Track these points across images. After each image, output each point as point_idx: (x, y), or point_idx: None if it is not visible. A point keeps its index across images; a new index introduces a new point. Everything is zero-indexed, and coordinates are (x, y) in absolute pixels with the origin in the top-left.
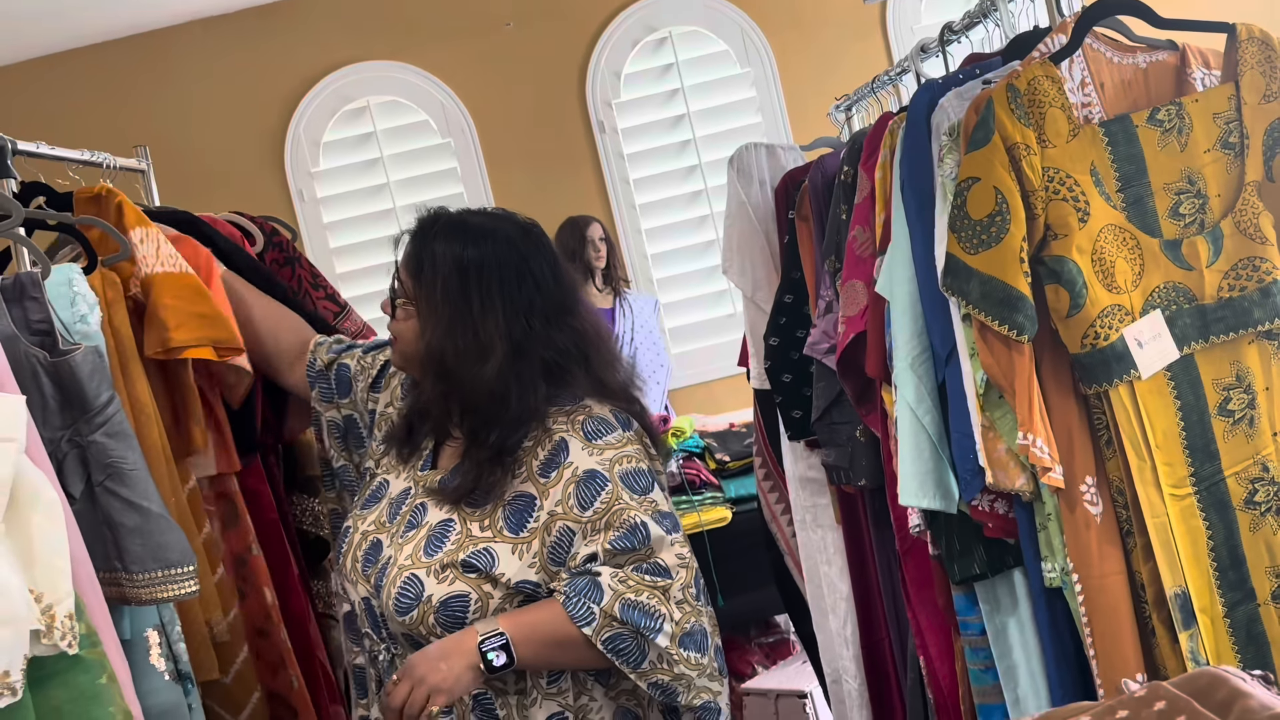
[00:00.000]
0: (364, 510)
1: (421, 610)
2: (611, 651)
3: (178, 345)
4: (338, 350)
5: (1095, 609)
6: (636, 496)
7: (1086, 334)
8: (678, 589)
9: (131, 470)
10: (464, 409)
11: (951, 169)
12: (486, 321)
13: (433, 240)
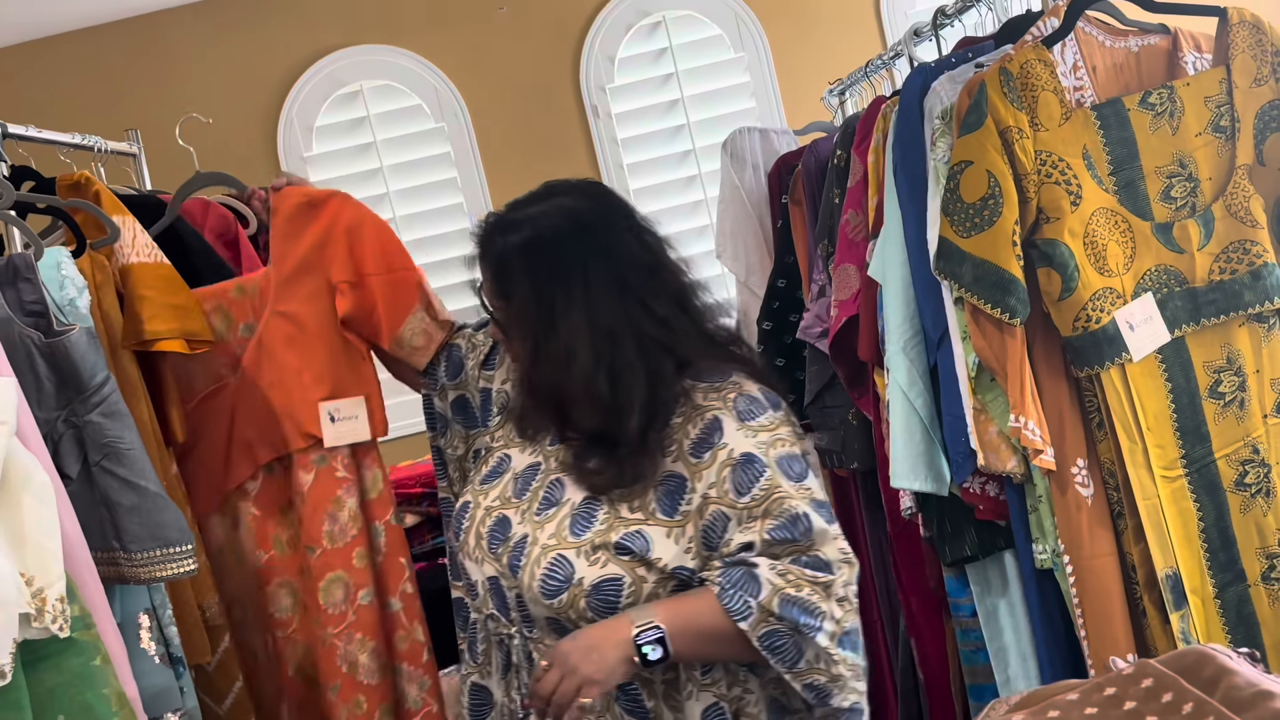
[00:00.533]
0: (485, 486)
1: (572, 594)
2: (767, 649)
3: (151, 337)
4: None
5: (1086, 590)
6: (793, 483)
7: (1078, 317)
8: (840, 586)
9: (128, 450)
10: (578, 416)
11: (944, 152)
12: (570, 324)
13: (505, 263)
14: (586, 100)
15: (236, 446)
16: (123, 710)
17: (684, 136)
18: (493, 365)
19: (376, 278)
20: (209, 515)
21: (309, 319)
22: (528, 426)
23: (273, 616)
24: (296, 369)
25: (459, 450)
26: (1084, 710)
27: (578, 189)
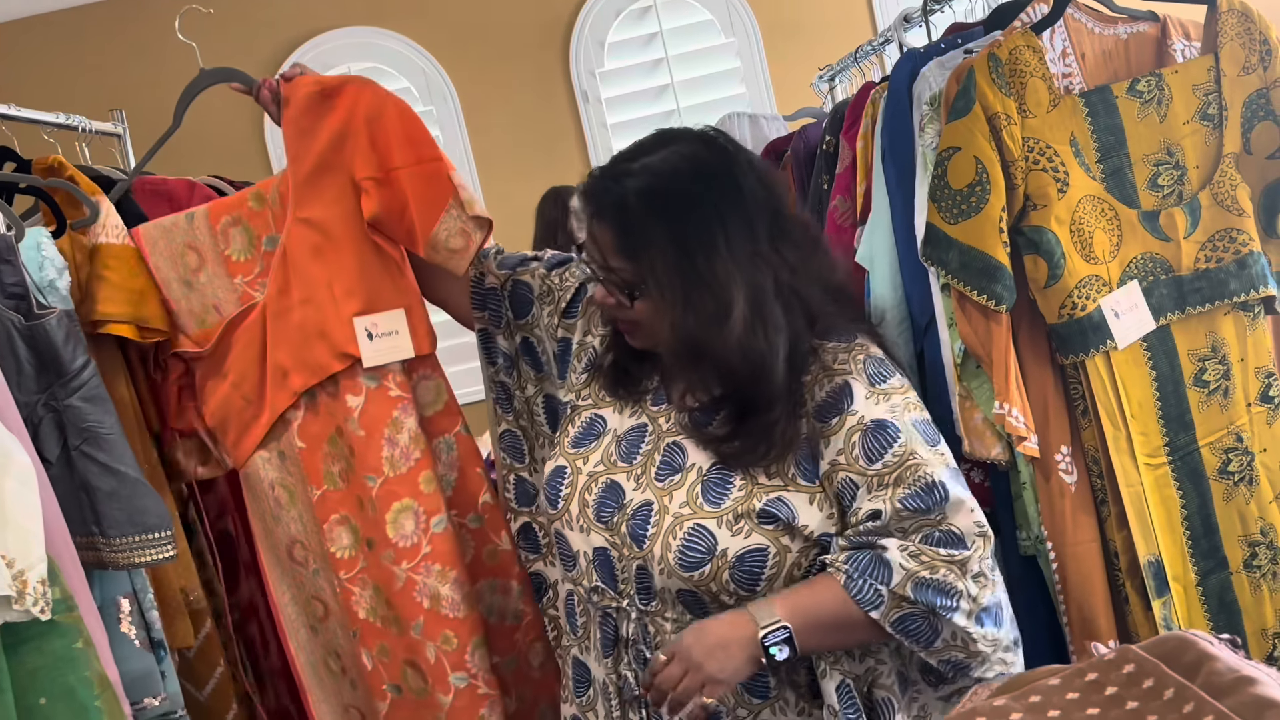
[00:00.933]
0: (579, 449)
1: (715, 565)
2: (901, 632)
3: (100, 318)
4: (512, 265)
5: (1069, 577)
6: (929, 448)
7: (1064, 304)
8: (975, 561)
9: (108, 435)
10: (722, 378)
11: (932, 138)
12: (717, 274)
13: (632, 212)
14: (576, 85)
15: (271, 374)
16: (105, 693)
17: (674, 122)
18: (574, 315)
19: (405, 170)
20: (253, 453)
21: (334, 224)
22: (625, 386)
23: (334, 557)
24: (326, 282)
25: (529, 390)
26: (1066, 695)
27: (693, 135)
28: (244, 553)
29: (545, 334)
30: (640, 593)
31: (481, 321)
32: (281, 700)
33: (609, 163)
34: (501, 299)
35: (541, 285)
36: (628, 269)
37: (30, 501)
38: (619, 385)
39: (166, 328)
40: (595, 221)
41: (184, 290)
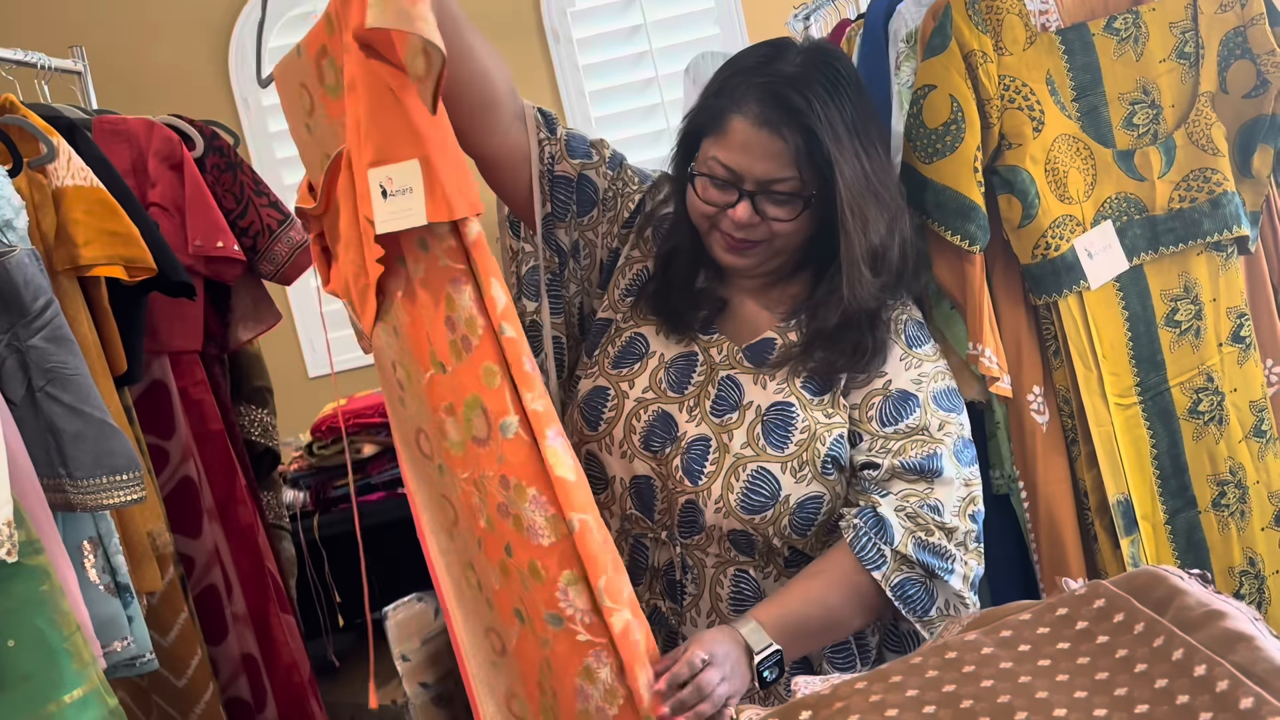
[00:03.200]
0: (621, 370)
1: (777, 510)
2: (900, 598)
3: (87, 262)
4: (580, 155)
5: (1040, 516)
6: (940, 425)
7: (1038, 244)
8: (960, 533)
9: (73, 375)
10: (887, 290)
11: (908, 76)
12: (886, 181)
13: (819, 118)
14: (547, 24)
15: (364, 234)
16: (73, 635)
17: (647, 63)
18: (630, 228)
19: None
20: (375, 327)
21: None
22: (674, 314)
23: (449, 453)
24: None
25: (571, 290)
26: (1037, 630)
27: (814, 44)
28: (207, 499)
29: (600, 239)
30: (682, 526)
31: (549, 208)
32: (246, 646)
33: (752, 70)
34: (572, 190)
35: (608, 189)
36: (810, 177)
37: None
38: (665, 314)
39: (154, 266)
40: (776, 130)
41: (307, 137)
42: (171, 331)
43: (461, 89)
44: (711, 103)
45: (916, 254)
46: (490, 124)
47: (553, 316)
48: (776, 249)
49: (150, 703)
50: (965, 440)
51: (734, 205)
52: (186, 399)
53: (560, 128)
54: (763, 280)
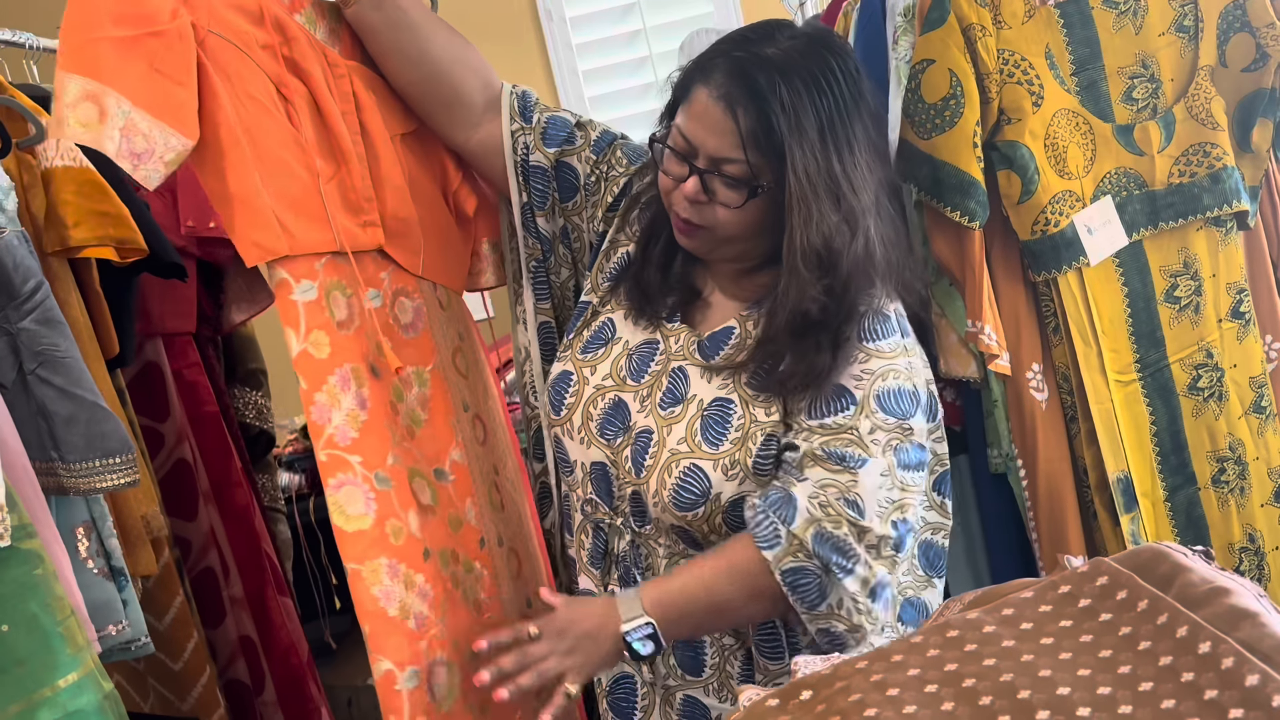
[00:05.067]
0: (587, 355)
1: (709, 509)
2: (790, 585)
3: (77, 244)
4: (559, 143)
5: (1039, 494)
6: (872, 429)
7: (1037, 220)
8: (874, 535)
9: (64, 358)
10: (834, 294)
11: (906, 51)
12: (852, 179)
13: (783, 101)
14: (540, 3)
15: (462, 208)
16: (67, 620)
17: (640, 41)
18: (615, 210)
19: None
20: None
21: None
22: (645, 300)
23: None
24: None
25: (563, 275)
26: (1039, 608)
27: (807, 27)
28: (202, 481)
29: (585, 224)
30: (635, 515)
31: (525, 198)
32: (244, 629)
33: (733, 43)
34: (549, 178)
35: (590, 173)
36: (759, 163)
37: None
38: (637, 298)
39: (145, 246)
40: (730, 107)
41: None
42: (164, 313)
43: (419, 90)
44: (688, 71)
45: (898, 257)
46: (458, 120)
47: (539, 302)
48: (721, 236)
49: (147, 686)
50: (911, 446)
51: (685, 180)
52: (181, 381)
53: (539, 112)
54: (734, 268)
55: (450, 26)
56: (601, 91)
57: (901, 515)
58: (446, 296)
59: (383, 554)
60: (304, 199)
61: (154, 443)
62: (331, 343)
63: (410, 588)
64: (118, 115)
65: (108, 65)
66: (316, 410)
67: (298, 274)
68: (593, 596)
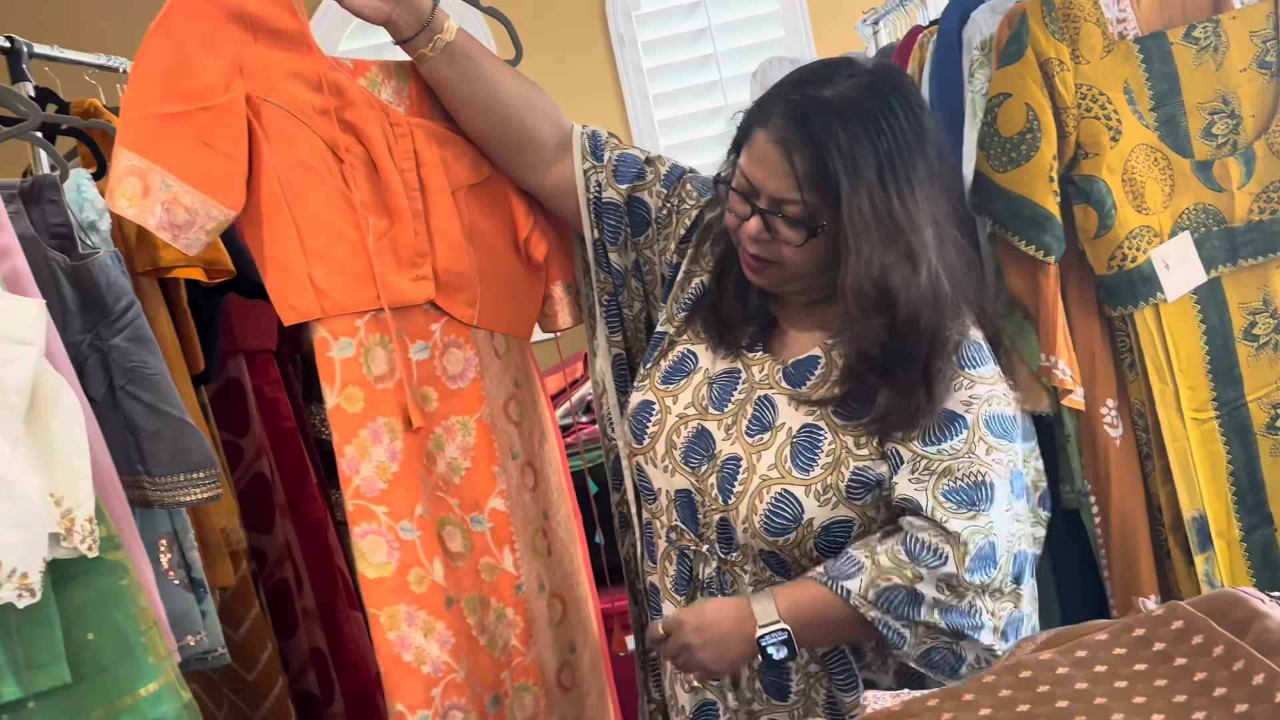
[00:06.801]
0: (668, 385)
1: (800, 534)
2: (925, 665)
3: (167, 264)
4: (630, 179)
5: (1112, 531)
6: (989, 450)
7: (1114, 255)
8: (998, 581)
9: (153, 375)
10: (897, 333)
11: (982, 84)
12: (912, 216)
13: (839, 142)
14: (613, 28)
15: (531, 254)
16: (150, 630)
17: (711, 66)
18: (688, 241)
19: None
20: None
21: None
22: (722, 330)
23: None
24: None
25: (635, 308)
26: (1113, 650)
27: (867, 64)
28: (279, 495)
29: (657, 256)
30: (721, 542)
31: (598, 238)
32: (315, 641)
33: (791, 85)
34: (621, 214)
35: (661, 207)
36: (816, 204)
37: (78, 441)
38: (716, 329)
39: (233, 268)
40: (787, 150)
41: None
42: (247, 331)
43: (491, 137)
44: (749, 113)
45: (972, 289)
46: (532, 163)
47: (610, 335)
48: (790, 273)
49: (221, 696)
50: (1018, 472)
51: (748, 219)
52: (261, 398)
53: (609, 150)
54: (804, 300)
55: (519, 73)
56: (671, 114)
57: (1020, 547)
58: (505, 344)
59: (402, 601)
60: (349, 259)
61: (233, 457)
62: (365, 398)
63: (429, 634)
64: (161, 189)
65: (155, 141)
66: (346, 462)
67: (336, 332)
68: (722, 598)
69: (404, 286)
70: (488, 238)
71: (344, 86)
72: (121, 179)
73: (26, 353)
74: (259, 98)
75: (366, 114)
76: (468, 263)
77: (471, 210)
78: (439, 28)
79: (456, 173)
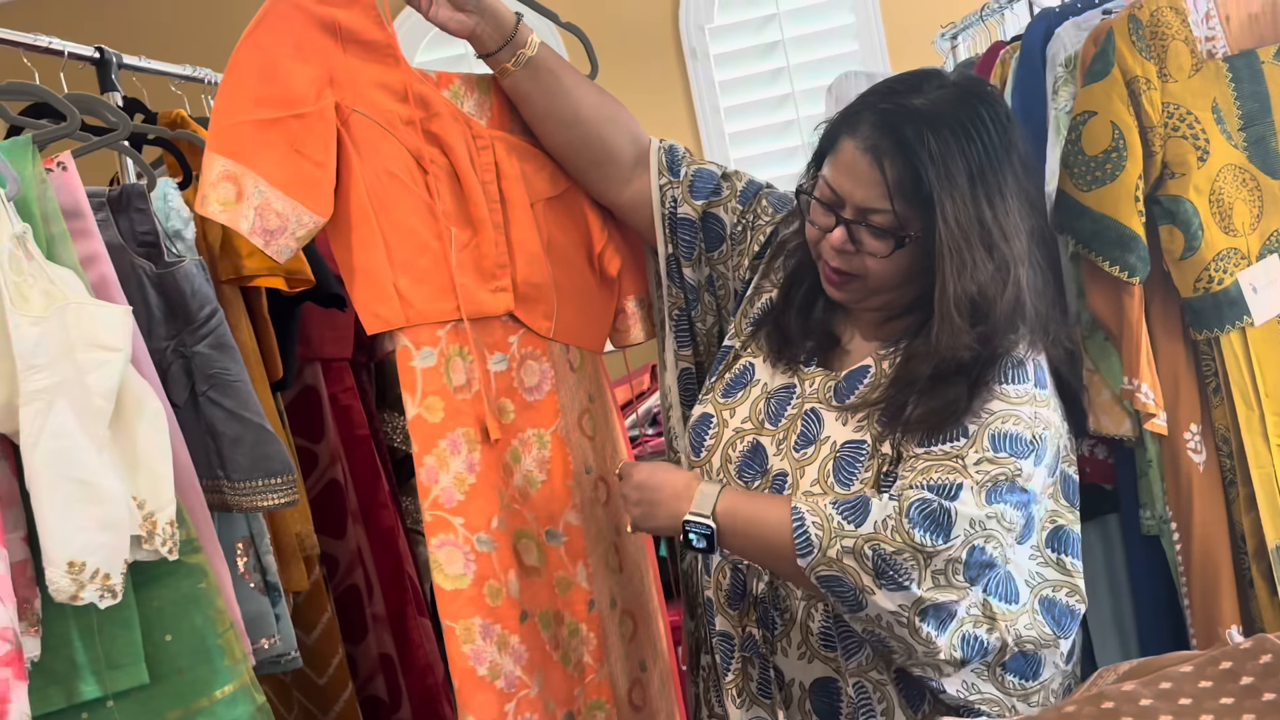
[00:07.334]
0: (727, 399)
1: None
2: (826, 588)
3: (250, 273)
4: (705, 194)
5: (1193, 558)
6: (993, 453)
7: (1200, 277)
8: (942, 560)
9: (234, 381)
10: (986, 343)
11: (1066, 102)
12: (1004, 228)
13: (932, 152)
14: (685, 40)
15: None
16: (227, 632)
17: (783, 79)
18: (761, 258)
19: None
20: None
21: None
22: (784, 345)
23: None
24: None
25: (708, 322)
26: (1198, 684)
27: (956, 75)
28: (351, 501)
29: (731, 272)
30: None
31: (671, 249)
32: (384, 646)
33: (880, 95)
34: (696, 229)
35: (736, 223)
36: (905, 213)
37: (161, 445)
38: (776, 343)
39: (313, 278)
40: (877, 158)
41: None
42: (324, 340)
43: (571, 152)
44: (835, 123)
45: (1044, 308)
46: (610, 177)
47: (680, 349)
48: (872, 286)
49: (292, 699)
50: (1015, 486)
51: (831, 230)
52: (335, 405)
53: (686, 166)
54: (878, 315)
55: (599, 88)
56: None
57: (983, 544)
58: (579, 358)
59: (477, 614)
60: (432, 269)
61: (308, 462)
62: (446, 408)
63: (504, 649)
64: (254, 195)
65: (249, 147)
66: (425, 472)
67: (419, 341)
68: (683, 470)
69: (484, 298)
70: (564, 251)
71: (429, 98)
72: (215, 184)
73: (113, 359)
74: (348, 107)
75: (450, 126)
76: (545, 275)
77: (549, 223)
78: (522, 42)
79: (536, 185)
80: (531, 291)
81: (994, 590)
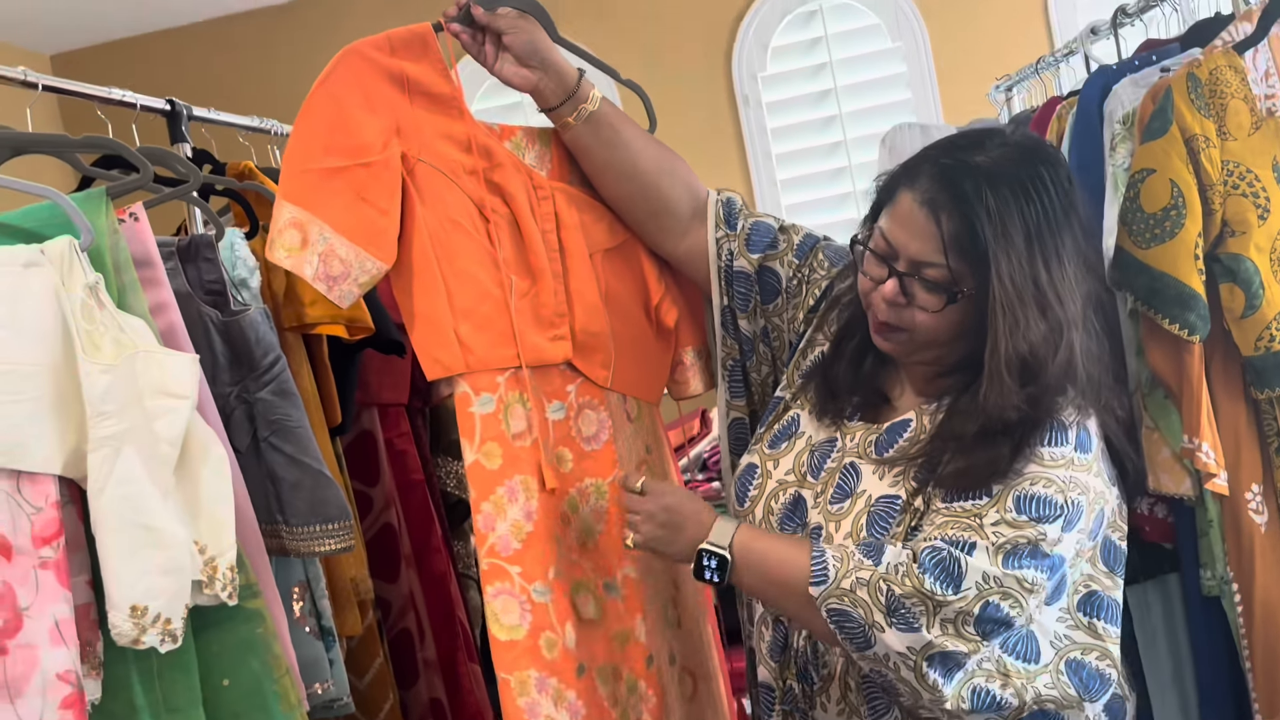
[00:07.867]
0: (774, 450)
1: None
2: (835, 624)
3: (312, 320)
4: (762, 249)
5: (1255, 621)
6: (1014, 515)
7: (1261, 336)
8: (954, 609)
9: (296, 427)
10: (1035, 405)
11: (1124, 159)
12: (1059, 289)
13: (989, 208)
14: (738, 88)
15: (662, 320)
16: (283, 678)
17: (835, 127)
18: (816, 311)
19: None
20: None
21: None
22: (831, 399)
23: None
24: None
25: (763, 372)
26: None
27: (1016, 134)
28: (405, 545)
29: (786, 324)
30: None
31: (726, 301)
32: (434, 692)
33: (941, 149)
34: (752, 282)
35: (792, 276)
36: (960, 269)
37: (224, 491)
38: (823, 395)
39: (373, 325)
40: (934, 212)
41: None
42: (381, 385)
43: (629, 203)
44: (894, 175)
45: (1098, 373)
46: (667, 228)
47: (733, 400)
48: (920, 341)
49: None
50: (1036, 550)
51: (884, 281)
52: (391, 449)
53: (743, 219)
54: (927, 370)
55: (658, 141)
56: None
57: (999, 600)
58: (637, 409)
59: (533, 666)
60: (493, 316)
61: (363, 506)
62: (504, 454)
63: (560, 703)
64: (319, 241)
65: (315, 194)
66: (482, 519)
67: (478, 387)
68: (702, 502)
69: (543, 345)
70: (622, 301)
71: (492, 149)
72: (282, 230)
73: (180, 406)
74: (414, 157)
75: (512, 176)
76: (603, 325)
77: (607, 274)
78: (584, 97)
79: (594, 236)
80: (589, 340)
81: (1012, 649)
